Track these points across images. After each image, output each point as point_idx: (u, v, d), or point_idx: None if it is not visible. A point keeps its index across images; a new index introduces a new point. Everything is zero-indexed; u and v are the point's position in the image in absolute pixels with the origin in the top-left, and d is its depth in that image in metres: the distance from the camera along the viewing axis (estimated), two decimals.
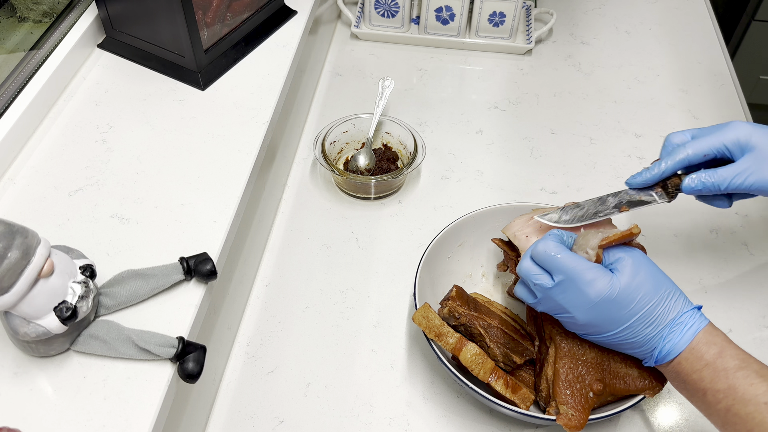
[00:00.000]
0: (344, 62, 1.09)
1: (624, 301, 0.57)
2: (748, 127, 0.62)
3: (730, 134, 0.62)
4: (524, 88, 1.05)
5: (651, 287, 0.57)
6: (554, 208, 0.71)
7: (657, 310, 0.57)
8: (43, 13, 0.80)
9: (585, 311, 0.57)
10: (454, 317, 0.66)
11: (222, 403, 0.69)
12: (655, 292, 0.57)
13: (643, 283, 0.57)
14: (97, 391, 0.52)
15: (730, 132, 0.62)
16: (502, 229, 0.71)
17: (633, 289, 0.57)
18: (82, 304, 0.51)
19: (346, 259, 0.82)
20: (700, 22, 1.19)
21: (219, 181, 0.68)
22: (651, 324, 0.57)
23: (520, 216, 0.70)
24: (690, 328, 0.57)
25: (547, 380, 0.64)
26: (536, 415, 0.62)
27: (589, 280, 0.57)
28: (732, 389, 0.53)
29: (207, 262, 0.59)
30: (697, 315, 0.58)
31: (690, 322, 0.57)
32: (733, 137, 0.62)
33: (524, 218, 0.70)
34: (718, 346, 0.56)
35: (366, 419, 0.68)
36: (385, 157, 0.90)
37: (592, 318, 0.58)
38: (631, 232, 0.59)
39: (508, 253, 0.73)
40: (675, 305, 0.58)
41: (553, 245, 0.59)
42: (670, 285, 0.59)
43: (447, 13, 1.08)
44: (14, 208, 0.64)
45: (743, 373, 0.53)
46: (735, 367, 0.54)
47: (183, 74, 0.79)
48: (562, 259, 0.58)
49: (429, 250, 0.72)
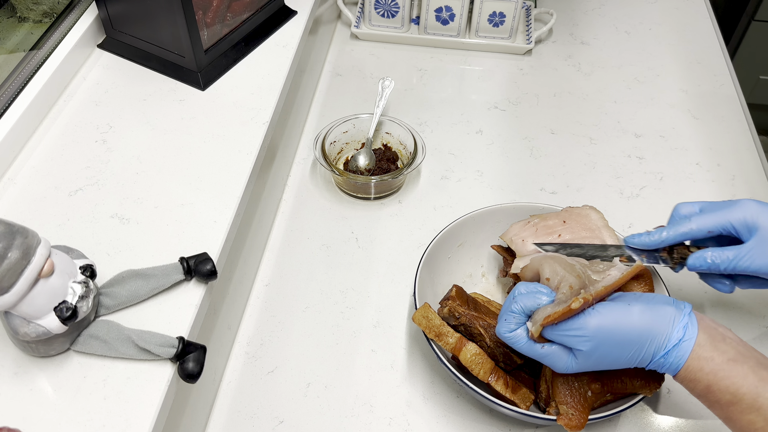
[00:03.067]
0: (344, 62, 1.09)
1: (591, 366, 0.56)
2: (756, 207, 0.60)
3: (737, 213, 0.60)
4: (524, 88, 1.05)
5: (615, 356, 0.56)
6: (552, 214, 0.71)
7: (634, 360, 0.56)
8: (43, 13, 0.80)
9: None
10: (454, 317, 0.66)
11: (222, 403, 0.69)
12: (622, 354, 0.55)
13: (605, 356, 0.56)
14: (97, 391, 0.52)
15: (738, 211, 0.60)
16: (501, 235, 0.71)
17: (593, 363, 0.56)
18: (82, 304, 0.51)
19: (346, 259, 0.82)
20: (700, 22, 1.19)
21: (219, 181, 0.68)
22: (637, 361, 0.56)
23: (517, 222, 0.70)
24: (673, 365, 0.55)
25: (546, 381, 0.64)
26: (536, 415, 0.62)
27: (549, 362, 0.57)
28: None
29: (207, 262, 0.59)
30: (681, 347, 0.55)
31: (673, 357, 0.55)
32: (740, 216, 0.60)
33: (521, 223, 0.70)
34: (703, 382, 0.54)
35: (366, 419, 0.68)
36: (385, 157, 0.90)
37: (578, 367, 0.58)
38: (569, 309, 0.55)
39: (507, 258, 0.74)
40: (656, 347, 0.55)
41: (504, 331, 0.58)
42: (644, 335, 0.55)
43: (447, 13, 1.08)
44: (14, 208, 0.64)
45: (737, 408, 0.52)
46: (727, 402, 0.53)
47: (183, 74, 0.79)
48: (520, 347, 0.58)
49: (429, 250, 0.72)
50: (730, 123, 0.99)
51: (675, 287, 0.78)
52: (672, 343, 0.55)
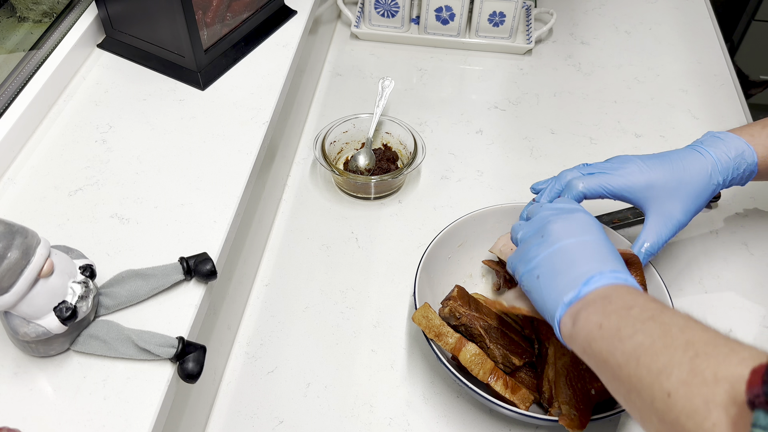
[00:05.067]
0: (344, 62, 1.09)
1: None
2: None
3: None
4: (524, 88, 1.05)
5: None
6: None
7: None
8: (43, 13, 0.80)
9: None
10: (455, 317, 0.66)
11: (222, 403, 0.69)
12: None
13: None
14: (97, 391, 0.52)
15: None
16: (489, 248, 0.71)
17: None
18: (82, 304, 0.51)
19: (346, 259, 0.82)
20: (700, 22, 1.19)
21: (219, 181, 0.68)
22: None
23: (504, 234, 0.70)
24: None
25: (548, 381, 0.64)
26: (535, 416, 0.61)
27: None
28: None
29: (207, 262, 0.59)
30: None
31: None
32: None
33: (507, 236, 0.71)
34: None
35: (366, 419, 0.68)
36: (385, 157, 0.90)
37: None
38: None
39: (498, 271, 0.74)
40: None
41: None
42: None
43: (447, 13, 1.08)
44: (14, 208, 0.64)
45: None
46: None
47: (183, 74, 0.79)
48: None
49: (429, 250, 0.72)
50: (730, 123, 0.99)
51: (675, 287, 0.78)
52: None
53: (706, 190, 0.68)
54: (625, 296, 0.51)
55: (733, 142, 0.69)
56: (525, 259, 0.59)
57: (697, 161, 0.68)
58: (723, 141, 0.69)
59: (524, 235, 0.62)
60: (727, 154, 0.68)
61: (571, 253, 0.56)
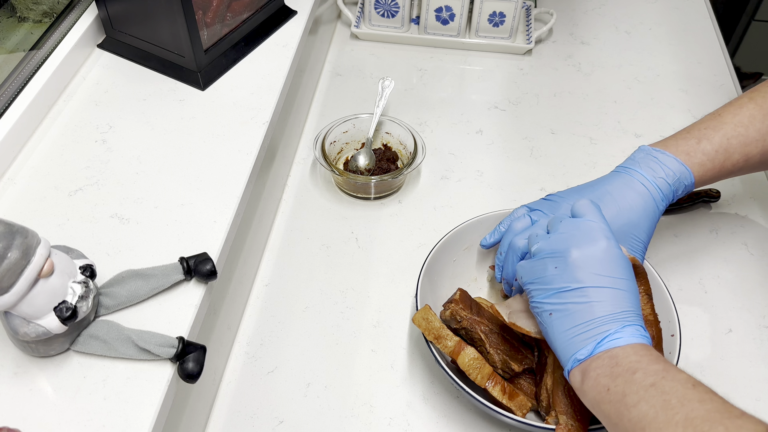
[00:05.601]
0: (344, 62, 1.09)
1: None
2: None
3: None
4: (524, 88, 1.05)
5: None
6: None
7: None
8: (43, 13, 0.80)
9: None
10: (456, 320, 0.66)
11: (222, 403, 0.69)
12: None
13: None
14: (97, 391, 0.52)
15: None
16: (497, 306, 0.67)
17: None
18: (82, 304, 0.51)
19: (346, 259, 0.82)
20: (700, 22, 1.19)
21: (219, 181, 0.68)
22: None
23: (516, 297, 0.68)
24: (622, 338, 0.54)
25: (546, 389, 0.64)
26: (532, 423, 0.60)
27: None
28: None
29: (207, 262, 0.59)
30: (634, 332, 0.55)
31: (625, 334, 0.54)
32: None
33: (519, 299, 0.67)
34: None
35: (366, 419, 0.68)
36: (385, 157, 0.90)
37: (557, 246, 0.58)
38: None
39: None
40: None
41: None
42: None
43: (447, 13, 1.08)
44: (14, 208, 0.64)
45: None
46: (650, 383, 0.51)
47: (183, 74, 0.79)
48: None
49: (434, 252, 0.72)
50: None
51: (675, 287, 0.78)
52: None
53: (654, 221, 0.68)
54: (631, 357, 0.52)
55: (671, 164, 0.68)
56: (538, 281, 0.59)
57: (641, 197, 0.67)
58: (660, 164, 0.68)
59: (540, 251, 0.60)
60: (666, 180, 0.67)
61: (591, 299, 0.55)
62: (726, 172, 0.70)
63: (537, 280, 0.59)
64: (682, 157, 0.68)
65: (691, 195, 0.87)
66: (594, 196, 0.67)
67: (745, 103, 0.71)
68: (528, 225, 0.69)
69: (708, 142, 0.69)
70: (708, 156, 0.68)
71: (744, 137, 0.69)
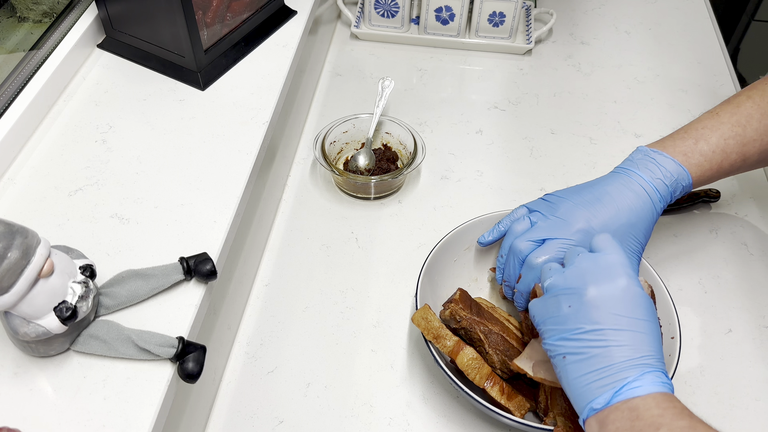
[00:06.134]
0: (344, 62, 1.09)
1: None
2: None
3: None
4: (524, 88, 1.05)
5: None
6: None
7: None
8: (43, 13, 0.80)
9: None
10: (455, 320, 0.66)
11: (222, 403, 0.69)
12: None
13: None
14: (97, 391, 0.52)
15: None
16: (516, 361, 0.63)
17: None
18: (82, 304, 0.51)
19: (346, 259, 0.82)
20: (700, 22, 1.19)
21: (219, 181, 0.68)
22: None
23: (534, 342, 0.64)
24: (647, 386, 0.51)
25: (545, 391, 0.64)
26: (530, 424, 0.60)
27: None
28: None
29: (207, 262, 0.59)
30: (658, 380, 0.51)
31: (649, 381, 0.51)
32: None
33: (538, 345, 0.63)
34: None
35: (366, 419, 0.68)
36: (385, 157, 0.90)
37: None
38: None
39: (524, 320, 0.69)
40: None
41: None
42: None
43: (447, 13, 1.08)
44: (14, 208, 0.64)
45: None
46: None
47: (183, 74, 0.79)
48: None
49: (435, 252, 0.72)
50: None
51: (675, 287, 0.78)
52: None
53: (652, 222, 0.67)
54: (653, 410, 0.49)
55: (669, 165, 0.67)
56: (551, 320, 0.55)
57: (640, 198, 0.66)
58: (657, 166, 0.67)
59: (554, 287, 0.57)
60: (663, 181, 0.67)
61: (609, 342, 0.52)
62: (724, 172, 0.70)
63: (550, 319, 0.55)
64: (680, 158, 0.68)
65: (691, 195, 0.87)
66: (593, 197, 0.67)
67: (743, 102, 0.71)
68: (528, 227, 0.68)
69: (705, 143, 0.69)
70: (705, 157, 0.68)
71: (742, 137, 0.69)
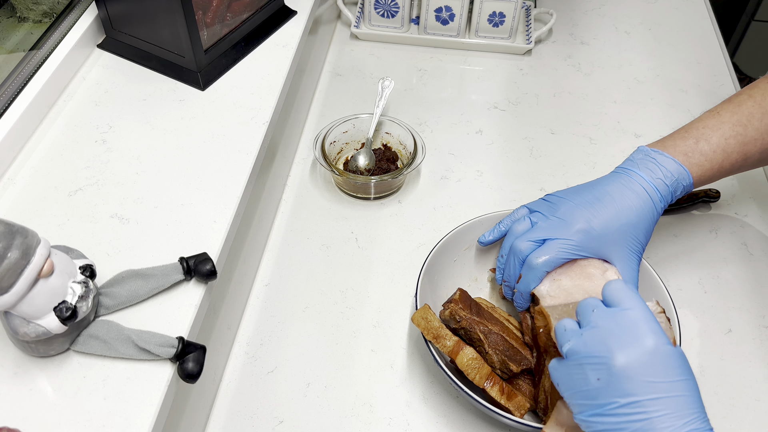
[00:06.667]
0: (344, 62, 1.09)
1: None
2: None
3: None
4: (524, 88, 1.05)
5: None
6: None
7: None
8: (43, 13, 0.80)
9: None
10: (455, 320, 0.66)
11: (222, 403, 0.69)
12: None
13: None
14: (97, 391, 0.52)
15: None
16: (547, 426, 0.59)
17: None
18: (82, 304, 0.51)
19: (346, 259, 0.82)
20: (699, 22, 1.19)
21: (219, 181, 0.68)
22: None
23: (560, 404, 0.58)
24: None
25: (545, 391, 0.64)
26: (529, 424, 0.60)
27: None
28: None
29: (207, 262, 0.59)
30: None
31: None
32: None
33: (565, 410, 0.57)
34: None
35: (366, 419, 0.68)
36: (385, 157, 0.90)
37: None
38: None
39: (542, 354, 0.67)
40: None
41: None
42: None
43: (447, 13, 1.08)
44: (14, 208, 0.64)
45: None
46: None
47: (183, 74, 0.79)
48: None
49: (434, 252, 0.72)
50: None
51: (675, 287, 0.78)
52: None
53: (653, 222, 0.67)
54: None
55: (669, 165, 0.67)
56: (580, 394, 0.51)
57: (640, 198, 0.66)
58: (658, 165, 0.67)
59: (575, 354, 0.52)
60: (664, 181, 0.67)
61: (649, 414, 0.48)
62: (725, 171, 0.70)
63: (579, 393, 0.51)
64: (680, 158, 0.68)
65: (691, 195, 0.87)
66: (593, 197, 0.67)
67: (744, 101, 0.71)
68: (529, 227, 0.68)
69: (706, 142, 0.69)
70: (706, 156, 0.68)
71: (743, 137, 0.69)
